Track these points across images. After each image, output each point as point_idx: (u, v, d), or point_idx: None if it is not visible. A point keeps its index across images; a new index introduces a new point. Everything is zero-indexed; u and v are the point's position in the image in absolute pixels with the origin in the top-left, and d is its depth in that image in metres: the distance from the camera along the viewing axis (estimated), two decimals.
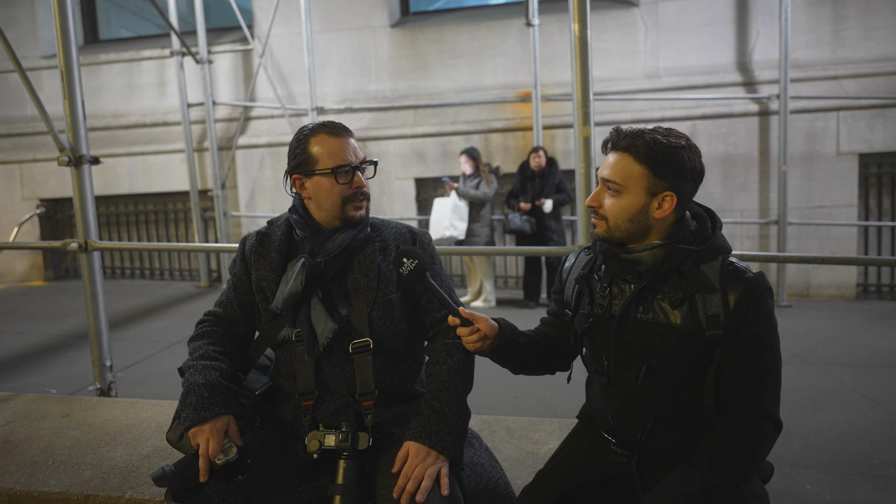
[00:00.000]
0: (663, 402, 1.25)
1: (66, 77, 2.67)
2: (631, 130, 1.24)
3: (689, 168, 1.21)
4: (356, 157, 1.43)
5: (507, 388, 3.28)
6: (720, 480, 1.13)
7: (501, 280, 6.71)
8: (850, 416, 2.90)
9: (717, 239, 1.25)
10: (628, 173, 1.22)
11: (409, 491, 1.23)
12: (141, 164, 7.08)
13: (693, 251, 1.22)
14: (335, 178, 1.39)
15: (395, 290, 1.45)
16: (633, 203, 1.22)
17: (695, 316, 1.20)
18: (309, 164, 1.41)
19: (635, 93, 6.17)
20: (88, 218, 2.79)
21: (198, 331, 1.49)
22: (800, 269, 5.97)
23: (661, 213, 1.23)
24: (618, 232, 1.25)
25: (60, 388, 3.49)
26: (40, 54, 7.30)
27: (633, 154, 1.21)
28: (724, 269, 1.21)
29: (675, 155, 1.20)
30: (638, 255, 1.24)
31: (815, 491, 2.15)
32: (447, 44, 6.64)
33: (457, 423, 1.34)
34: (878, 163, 5.92)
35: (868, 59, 5.92)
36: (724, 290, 1.19)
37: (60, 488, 1.66)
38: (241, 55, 7.01)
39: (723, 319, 1.18)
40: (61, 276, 7.51)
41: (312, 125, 1.45)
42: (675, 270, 1.22)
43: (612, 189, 1.24)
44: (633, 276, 1.26)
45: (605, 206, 1.25)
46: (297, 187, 1.45)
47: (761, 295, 1.18)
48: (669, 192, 1.21)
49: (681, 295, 1.21)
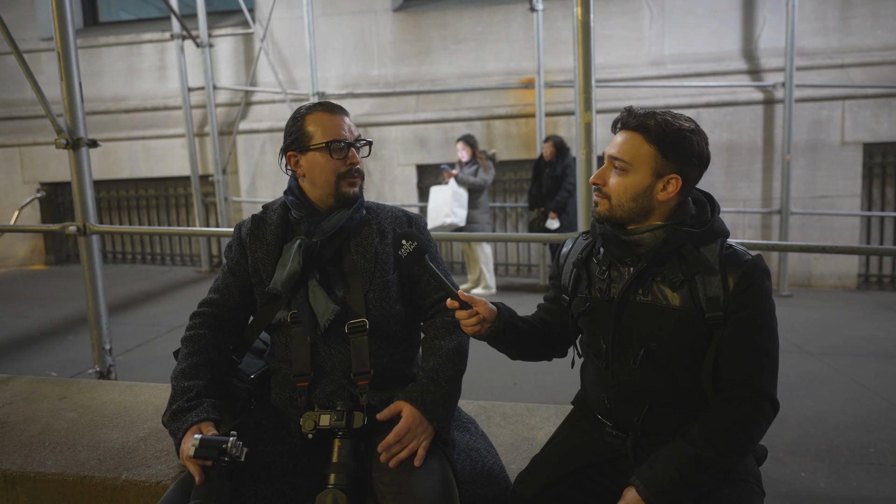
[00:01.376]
0: (661, 386, 1.25)
1: (62, 59, 2.64)
2: (642, 111, 1.24)
3: (697, 153, 1.22)
4: (351, 135, 1.43)
5: (506, 374, 3.29)
6: (714, 454, 1.15)
7: (503, 267, 6.71)
8: (846, 405, 2.90)
9: (716, 222, 1.26)
10: (637, 152, 1.22)
11: (399, 457, 1.27)
12: (141, 148, 7.05)
13: (693, 233, 1.22)
14: (329, 153, 1.39)
15: (391, 272, 1.45)
16: (639, 182, 1.22)
17: (695, 298, 1.20)
18: (304, 140, 1.41)
19: (640, 80, 6.12)
20: (87, 201, 2.78)
21: (188, 333, 1.47)
22: (801, 259, 5.95)
23: (664, 195, 1.23)
24: (620, 211, 1.25)
25: (60, 371, 3.51)
26: (39, 36, 7.25)
27: (643, 133, 1.21)
28: (723, 251, 1.22)
29: (684, 138, 1.20)
30: (639, 236, 1.25)
31: (811, 478, 2.15)
32: (450, 29, 6.57)
33: (450, 398, 1.37)
34: (883, 152, 5.87)
35: (875, 48, 5.85)
36: (723, 272, 1.19)
37: (57, 469, 1.66)
38: (243, 39, 6.96)
39: (722, 301, 1.18)
40: (62, 260, 7.52)
41: (309, 104, 1.46)
42: (676, 252, 1.23)
43: (619, 167, 1.24)
44: (632, 258, 1.26)
45: (610, 185, 1.25)
46: (291, 164, 1.46)
47: (760, 277, 1.19)
48: (675, 174, 1.21)
49: (681, 277, 1.21)
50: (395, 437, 1.28)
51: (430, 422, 1.32)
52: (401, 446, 1.28)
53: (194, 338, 1.45)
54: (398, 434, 1.29)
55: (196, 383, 1.36)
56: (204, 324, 1.47)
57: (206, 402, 1.33)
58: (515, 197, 6.57)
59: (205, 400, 1.33)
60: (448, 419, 1.36)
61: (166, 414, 1.34)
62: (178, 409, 1.31)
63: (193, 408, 1.31)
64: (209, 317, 1.48)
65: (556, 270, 1.45)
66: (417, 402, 1.33)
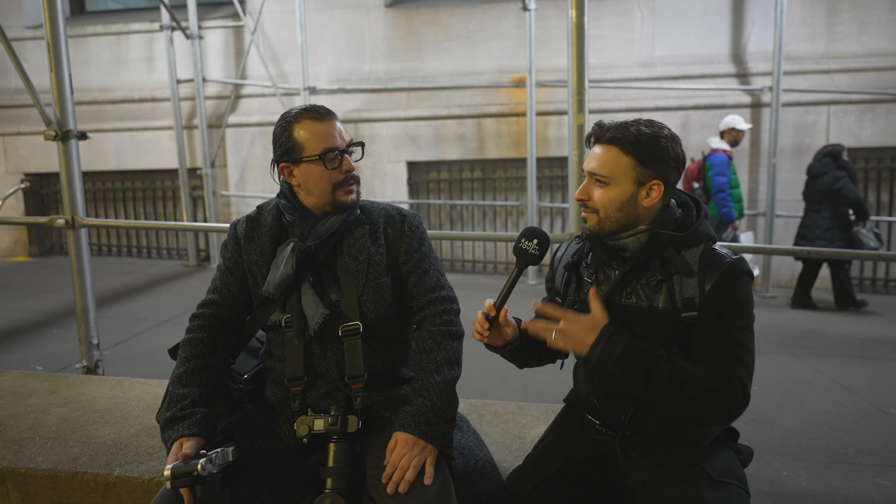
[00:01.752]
0: None
1: (52, 49, 2.61)
2: (613, 123, 1.28)
3: (673, 156, 1.26)
4: (343, 140, 1.41)
5: (495, 372, 3.31)
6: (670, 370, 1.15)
7: (491, 265, 6.73)
8: (827, 406, 2.97)
9: (700, 226, 1.29)
10: (615, 165, 1.25)
11: (395, 480, 1.25)
12: (128, 140, 6.96)
13: (675, 237, 1.26)
14: (324, 163, 1.38)
15: (385, 274, 1.45)
16: (622, 193, 1.26)
17: (672, 297, 1.23)
18: (295, 151, 1.39)
19: (630, 81, 6.16)
20: (76, 194, 2.75)
21: (186, 336, 1.45)
22: (785, 261, 6.05)
23: (649, 201, 1.27)
24: (609, 223, 1.28)
25: (45, 365, 3.47)
26: (24, 24, 7.11)
27: (618, 146, 1.25)
28: (706, 255, 1.25)
29: (659, 145, 1.24)
30: (623, 241, 1.28)
31: (792, 477, 2.21)
32: (442, 25, 6.56)
33: (445, 413, 1.35)
34: (866, 157, 5.98)
35: (860, 54, 5.95)
36: (701, 275, 1.22)
37: (48, 465, 1.66)
38: (233, 31, 6.89)
39: (698, 302, 1.21)
40: (46, 252, 7.41)
41: (295, 111, 1.42)
42: (658, 255, 1.26)
43: (600, 181, 1.27)
44: (617, 261, 1.29)
45: (595, 198, 1.28)
46: (285, 175, 1.43)
47: (739, 277, 1.22)
48: (657, 180, 1.25)
49: (658, 276, 1.25)
50: (391, 468, 1.27)
51: (427, 442, 1.30)
52: (401, 472, 1.26)
53: (192, 341, 1.42)
54: (393, 465, 1.27)
55: (191, 391, 1.34)
56: (202, 326, 1.45)
57: (200, 412, 1.31)
58: (506, 195, 6.60)
59: (198, 410, 1.31)
60: (447, 434, 1.33)
61: (161, 418, 1.34)
62: (171, 417, 1.30)
63: (186, 417, 1.29)
64: (208, 318, 1.46)
65: (551, 274, 1.48)
66: (411, 428, 1.31)
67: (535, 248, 1.29)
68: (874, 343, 4.16)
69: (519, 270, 1.30)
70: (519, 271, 1.30)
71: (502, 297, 1.30)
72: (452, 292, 1.51)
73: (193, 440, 1.26)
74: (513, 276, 1.29)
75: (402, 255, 1.48)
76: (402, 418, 1.34)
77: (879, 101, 5.76)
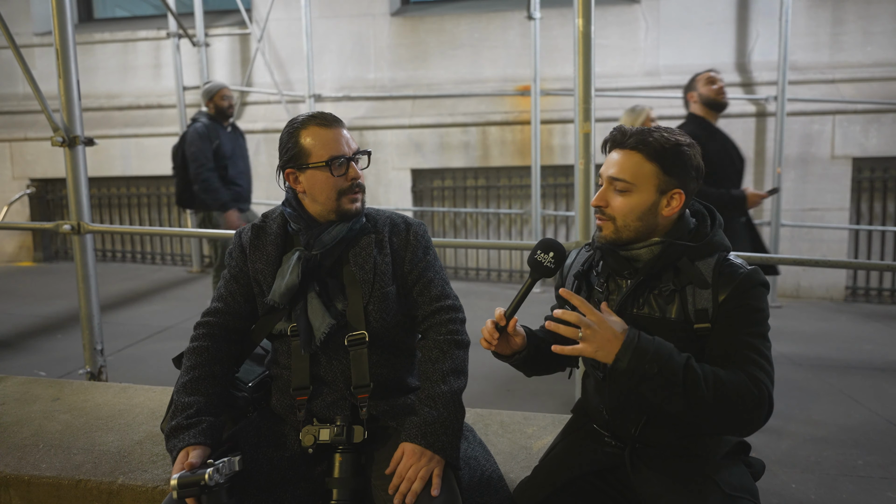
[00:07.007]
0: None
1: (61, 55, 2.62)
2: (635, 129, 1.25)
3: (695, 165, 1.23)
4: (349, 148, 1.41)
5: (500, 381, 3.29)
6: (703, 370, 1.10)
7: (495, 273, 6.72)
8: (836, 417, 2.94)
9: (715, 236, 1.26)
10: (638, 171, 1.22)
11: (402, 491, 1.24)
12: (134, 146, 6.99)
13: (689, 247, 1.23)
14: (330, 170, 1.37)
15: (390, 283, 1.44)
16: (644, 201, 1.22)
17: (684, 308, 1.21)
18: (302, 157, 1.38)
19: (634, 90, 6.16)
20: (82, 200, 2.76)
21: (191, 345, 1.44)
22: (790, 271, 6.02)
23: (669, 210, 1.24)
24: (626, 232, 1.24)
25: (49, 370, 3.46)
26: (33, 31, 7.17)
27: (642, 152, 1.22)
28: (720, 265, 1.22)
29: (682, 153, 1.22)
30: (636, 251, 1.25)
31: (801, 490, 2.18)
32: (447, 34, 6.59)
33: (452, 423, 1.33)
34: (871, 167, 5.96)
35: (865, 64, 5.94)
36: (715, 286, 1.19)
37: (52, 472, 1.65)
38: (239, 39, 6.93)
39: (711, 313, 1.19)
40: (51, 257, 7.43)
41: (303, 117, 1.41)
42: (671, 266, 1.23)
43: (621, 189, 1.23)
44: (629, 272, 1.26)
45: (613, 206, 1.25)
46: (290, 181, 1.43)
47: (754, 288, 1.19)
48: (678, 189, 1.22)
49: (671, 287, 1.22)
50: (398, 479, 1.26)
51: (434, 453, 1.28)
52: (408, 483, 1.25)
53: (197, 350, 1.42)
54: (399, 475, 1.26)
55: (197, 399, 1.34)
56: (207, 335, 1.44)
57: (205, 421, 1.30)
58: (510, 203, 6.59)
59: (204, 419, 1.31)
60: (454, 444, 1.32)
61: (166, 427, 1.33)
62: (176, 426, 1.29)
63: (192, 426, 1.28)
64: (213, 326, 1.45)
65: (561, 282, 1.47)
66: (417, 438, 1.30)
67: (550, 260, 1.27)
68: (882, 353, 4.13)
69: (532, 282, 1.28)
70: (532, 282, 1.28)
71: (513, 306, 1.28)
72: (458, 301, 1.51)
73: (199, 449, 1.25)
74: (525, 287, 1.27)
75: (408, 265, 1.47)
76: (409, 428, 1.33)
77: (885, 110, 5.75)
